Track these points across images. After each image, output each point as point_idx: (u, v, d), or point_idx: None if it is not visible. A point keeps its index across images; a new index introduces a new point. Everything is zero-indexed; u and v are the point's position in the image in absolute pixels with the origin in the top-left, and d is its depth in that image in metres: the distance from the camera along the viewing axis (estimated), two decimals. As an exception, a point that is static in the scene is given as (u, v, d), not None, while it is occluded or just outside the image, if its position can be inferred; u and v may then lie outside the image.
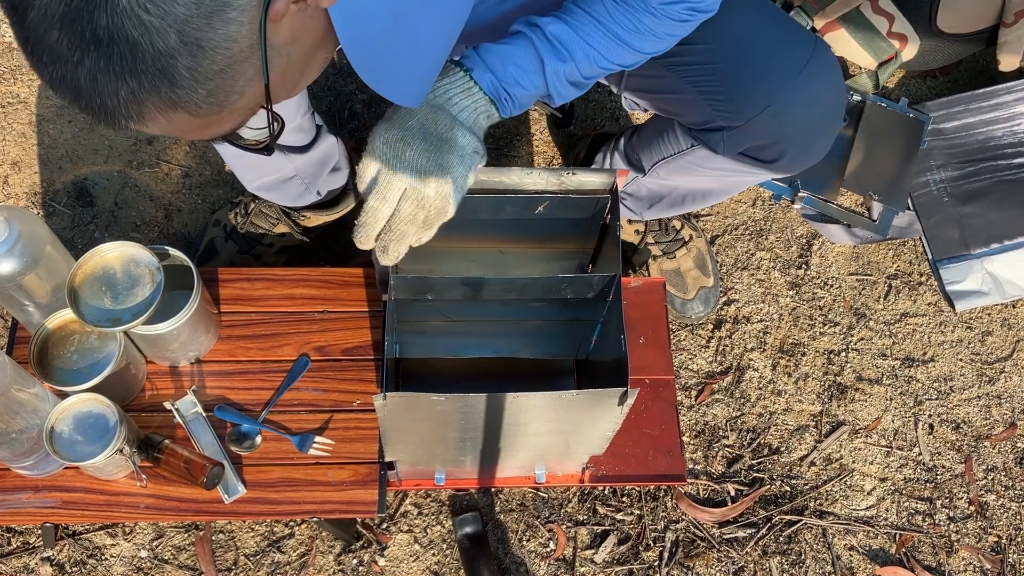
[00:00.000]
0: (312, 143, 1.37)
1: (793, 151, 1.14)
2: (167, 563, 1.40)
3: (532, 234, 1.20)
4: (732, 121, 1.11)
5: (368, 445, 1.28)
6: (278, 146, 1.31)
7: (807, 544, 1.47)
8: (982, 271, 1.65)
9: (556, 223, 1.16)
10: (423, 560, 1.42)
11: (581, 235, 1.22)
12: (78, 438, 1.15)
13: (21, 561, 1.38)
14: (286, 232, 1.53)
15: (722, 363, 1.59)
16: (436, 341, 1.34)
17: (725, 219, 1.71)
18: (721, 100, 1.10)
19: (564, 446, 1.24)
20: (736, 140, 1.13)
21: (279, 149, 1.32)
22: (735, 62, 1.08)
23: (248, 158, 1.34)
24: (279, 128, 0.82)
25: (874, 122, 1.76)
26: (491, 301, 1.19)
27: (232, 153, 1.34)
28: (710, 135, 1.15)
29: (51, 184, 1.67)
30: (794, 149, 1.14)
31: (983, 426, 1.57)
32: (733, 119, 1.10)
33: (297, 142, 1.34)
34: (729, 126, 1.11)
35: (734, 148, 1.14)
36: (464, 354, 1.36)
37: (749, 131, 1.11)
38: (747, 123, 1.10)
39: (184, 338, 1.24)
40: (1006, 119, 1.75)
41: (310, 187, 1.44)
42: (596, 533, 1.45)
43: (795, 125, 1.11)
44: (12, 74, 1.75)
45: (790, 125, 1.11)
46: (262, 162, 1.35)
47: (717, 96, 1.10)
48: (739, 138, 1.12)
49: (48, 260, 1.16)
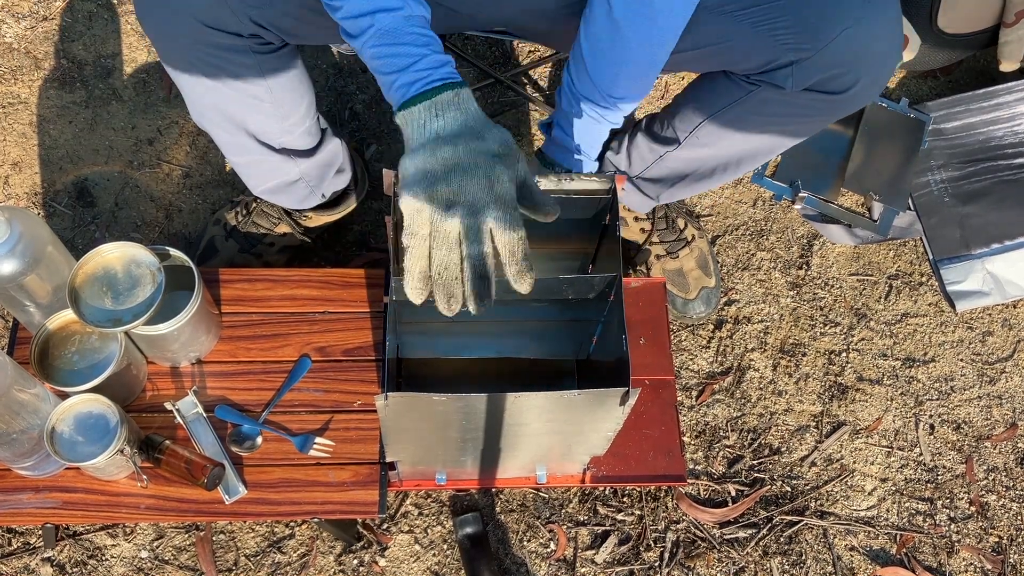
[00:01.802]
0: (318, 146, 1.37)
1: (867, 77, 1.12)
2: (168, 563, 1.40)
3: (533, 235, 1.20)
4: (804, 52, 1.08)
5: (369, 446, 1.28)
6: (286, 151, 1.32)
7: (808, 544, 1.47)
8: (983, 271, 1.65)
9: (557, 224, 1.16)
10: (424, 560, 1.42)
11: (582, 235, 1.22)
12: (79, 439, 1.15)
13: (22, 561, 1.38)
14: (287, 232, 1.53)
15: (723, 363, 1.59)
16: (437, 341, 1.34)
17: (726, 219, 1.71)
18: (792, 32, 1.08)
19: (565, 446, 1.24)
20: (808, 71, 1.11)
21: (286, 154, 1.33)
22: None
23: (257, 166, 1.35)
24: None
25: (875, 122, 1.76)
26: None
27: (241, 161, 1.35)
28: (775, 74, 1.12)
29: (52, 184, 1.67)
30: (868, 75, 1.12)
31: (984, 426, 1.57)
32: (806, 49, 1.08)
33: (303, 145, 1.34)
34: (800, 58, 1.09)
35: (804, 81, 1.12)
36: (465, 355, 1.36)
37: (824, 59, 1.09)
38: (822, 50, 1.08)
39: (185, 338, 1.24)
40: (1007, 119, 1.75)
41: (315, 190, 1.44)
42: (597, 533, 1.45)
43: (871, 48, 1.10)
44: (12, 74, 1.75)
45: (867, 48, 1.09)
46: (270, 168, 1.35)
47: (786, 30, 1.08)
48: (811, 69, 1.10)
49: (49, 261, 1.16)
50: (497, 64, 1.82)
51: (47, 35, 1.79)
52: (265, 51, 1.15)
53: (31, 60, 1.76)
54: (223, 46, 1.11)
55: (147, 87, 1.75)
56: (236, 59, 1.13)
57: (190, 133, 1.72)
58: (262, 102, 1.21)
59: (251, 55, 1.14)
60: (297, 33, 1.14)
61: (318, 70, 1.79)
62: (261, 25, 1.10)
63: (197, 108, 1.24)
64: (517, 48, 1.84)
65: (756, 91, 1.16)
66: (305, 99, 1.28)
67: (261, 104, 1.21)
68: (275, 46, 1.16)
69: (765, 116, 1.20)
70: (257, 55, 1.14)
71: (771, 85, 1.14)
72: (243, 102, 1.20)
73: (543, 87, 1.82)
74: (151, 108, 1.74)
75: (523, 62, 1.83)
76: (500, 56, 1.83)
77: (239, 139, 1.27)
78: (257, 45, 1.13)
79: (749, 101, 1.18)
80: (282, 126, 1.27)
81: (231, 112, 1.23)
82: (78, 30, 1.79)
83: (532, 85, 1.82)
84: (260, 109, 1.22)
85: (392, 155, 1.73)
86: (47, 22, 1.80)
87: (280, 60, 1.18)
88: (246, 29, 1.09)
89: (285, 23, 1.11)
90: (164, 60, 1.17)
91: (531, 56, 1.84)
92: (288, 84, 1.22)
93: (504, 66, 1.82)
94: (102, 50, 1.78)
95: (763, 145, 1.28)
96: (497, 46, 1.84)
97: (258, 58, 1.15)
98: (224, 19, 1.08)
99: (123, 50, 1.78)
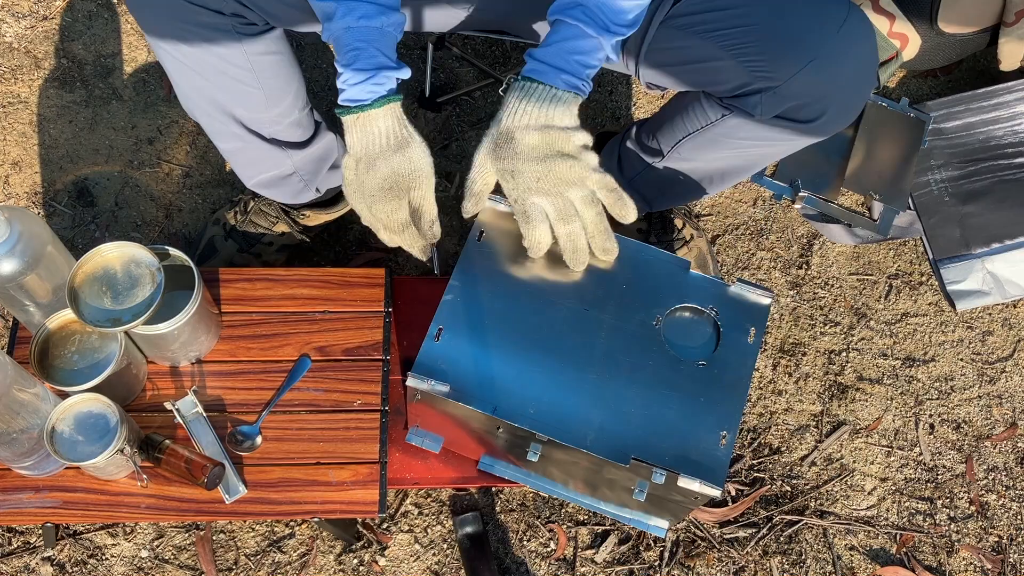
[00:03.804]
0: (311, 139, 1.37)
1: (834, 108, 1.12)
2: (168, 563, 1.40)
3: None
4: (772, 80, 1.09)
5: (368, 445, 1.28)
6: (276, 141, 1.32)
7: (808, 544, 1.47)
8: (983, 271, 1.65)
9: None
10: (423, 560, 1.42)
11: None
12: (79, 438, 1.15)
13: (22, 561, 1.38)
14: (286, 231, 1.53)
15: (723, 363, 1.59)
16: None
17: (726, 219, 1.71)
18: (760, 60, 1.08)
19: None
20: (775, 101, 1.11)
21: (277, 144, 1.32)
22: (774, 19, 1.08)
23: (246, 153, 1.34)
24: None
25: (875, 122, 1.76)
26: None
27: (230, 148, 1.34)
28: (746, 99, 1.12)
29: (52, 184, 1.67)
30: (835, 106, 1.12)
31: (984, 426, 1.57)
32: (773, 78, 1.08)
33: (295, 137, 1.34)
34: (768, 87, 1.09)
35: (772, 110, 1.12)
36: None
37: (790, 89, 1.09)
38: (788, 80, 1.08)
39: (185, 338, 1.24)
40: (1007, 119, 1.75)
41: (309, 184, 1.44)
42: (597, 533, 1.45)
43: (838, 80, 1.10)
44: (12, 74, 1.75)
45: (834, 79, 1.09)
46: (260, 157, 1.35)
47: (755, 56, 1.08)
48: (778, 98, 1.10)
49: (49, 260, 1.16)
50: (497, 64, 1.82)
51: (47, 34, 1.79)
52: (249, 32, 1.14)
53: (31, 59, 1.76)
54: (205, 24, 1.11)
55: (147, 86, 1.75)
56: (219, 39, 1.13)
57: (190, 133, 1.72)
58: (247, 87, 1.20)
59: (234, 35, 1.13)
60: (278, 15, 1.14)
61: (316, 69, 1.79)
62: (242, 3, 1.10)
63: (184, 92, 1.24)
64: (517, 48, 1.84)
65: (728, 116, 1.17)
66: (292, 86, 1.27)
67: (247, 89, 1.20)
68: (259, 28, 1.15)
69: (739, 139, 1.21)
70: (241, 36, 1.14)
71: (742, 111, 1.14)
72: (228, 86, 1.20)
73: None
74: (151, 107, 1.74)
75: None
76: (500, 56, 1.83)
77: (227, 126, 1.27)
78: (240, 25, 1.13)
79: (723, 125, 1.19)
80: (270, 114, 1.27)
81: (217, 97, 1.22)
82: (78, 29, 1.79)
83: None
84: (246, 94, 1.22)
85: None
86: (47, 21, 1.80)
87: (265, 44, 1.17)
88: (228, 8, 1.09)
89: (265, 3, 1.11)
90: (149, 39, 1.16)
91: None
92: (274, 70, 1.21)
93: (504, 66, 1.82)
94: (102, 49, 1.78)
95: (744, 163, 1.31)
96: (497, 46, 1.84)
97: (242, 39, 1.14)
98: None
99: (123, 49, 1.78)
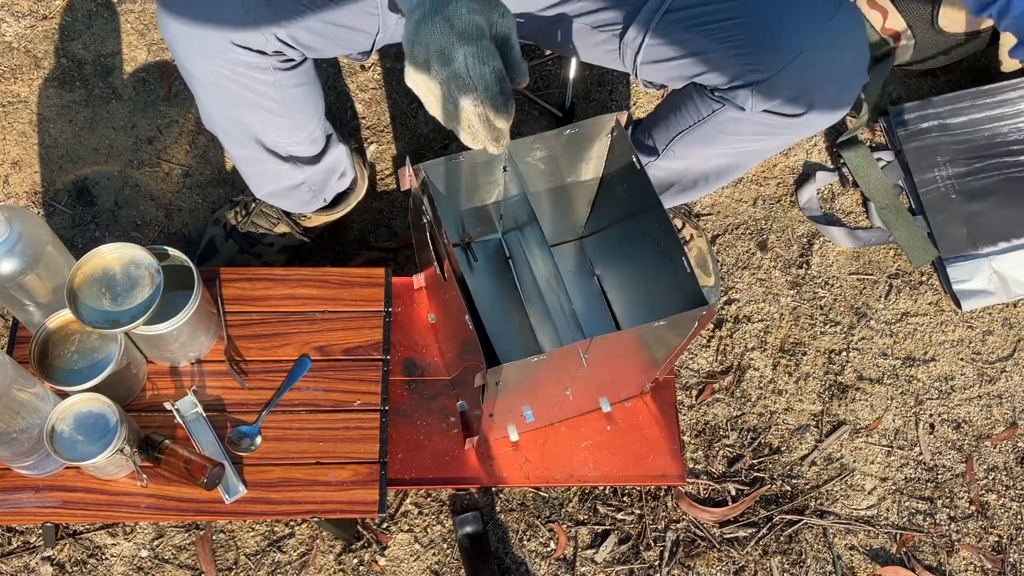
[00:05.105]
0: (322, 153, 1.38)
1: (821, 102, 1.13)
2: (168, 563, 1.40)
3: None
4: (762, 73, 1.10)
5: (368, 445, 1.28)
6: (292, 158, 1.33)
7: (808, 544, 1.47)
8: (989, 270, 1.64)
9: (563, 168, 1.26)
10: (423, 560, 1.42)
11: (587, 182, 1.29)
12: (79, 438, 1.15)
13: (22, 560, 1.38)
14: (286, 232, 1.53)
15: (723, 363, 1.59)
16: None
17: (726, 218, 1.71)
18: (750, 52, 1.09)
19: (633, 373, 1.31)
20: (765, 93, 1.12)
21: (291, 160, 1.34)
22: (765, 12, 1.08)
23: (262, 169, 1.35)
24: None
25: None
26: None
27: (246, 164, 1.35)
28: (736, 92, 1.14)
29: (52, 184, 1.67)
30: (822, 101, 1.13)
31: (984, 425, 1.57)
32: (763, 70, 1.09)
33: (309, 153, 1.35)
34: (758, 80, 1.10)
35: (762, 103, 1.13)
36: None
37: (779, 82, 1.10)
38: (778, 73, 1.09)
39: (184, 338, 1.24)
40: (1012, 115, 1.74)
41: (317, 195, 1.45)
42: (597, 533, 1.45)
43: (826, 73, 1.10)
44: (12, 74, 1.75)
45: (822, 73, 1.10)
46: (275, 172, 1.35)
47: (745, 49, 1.09)
48: (768, 91, 1.11)
49: (49, 260, 1.16)
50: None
51: (47, 34, 1.79)
52: (285, 67, 1.16)
53: (31, 59, 1.76)
54: (247, 64, 1.12)
55: (147, 86, 1.75)
56: (258, 76, 1.15)
57: (190, 132, 1.72)
58: (277, 116, 1.23)
59: (272, 72, 1.15)
60: (319, 48, 1.16)
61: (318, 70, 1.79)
62: (285, 42, 1.11)
63: (209, 113, 1.25)
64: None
65: (720, 110, 1.18)
66: (318, 112, 1.30)
67: (276, 119, 1.23)
68: (295, 62, 1.17)
69: (730, 135, 1.22)
70: (277, 72, 1.16)
71: (733, 105, 1.15)
72: (259, 116, 1.22)
73: (543, 86, 1.82)
74: (151, 107, 1.74)
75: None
76: (500, 55, 1.83)
77: (247, 147, 1.29)
78: (279, 62, 1.15)
79: (715, 120, 1.20)
80: (293, 138, 1.29)
81: (244, 122, 1.24)
82: (78, 29, 1.79)
83: (532, 84, 1.82)
84: (274, 123, 1.24)
85: (393, 153, 1.73)
86: (47, 21, 1.80)
87: (297, 76, 1.19)
88: (271, 47, 1.11)
89: (308, 39, 1.12)
90: (185, 73, 1.17)
91: (529, 55, 1.83)
92: (303, 100, 1.24)
93: (504, 65, 1.82)
94: (102, 49, 1.78)
95: (736, 160, 1.32)
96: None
97: (278, 75, 1.16)
98: (252, 38, 1.09)
99: (123, 49, 1.78)
